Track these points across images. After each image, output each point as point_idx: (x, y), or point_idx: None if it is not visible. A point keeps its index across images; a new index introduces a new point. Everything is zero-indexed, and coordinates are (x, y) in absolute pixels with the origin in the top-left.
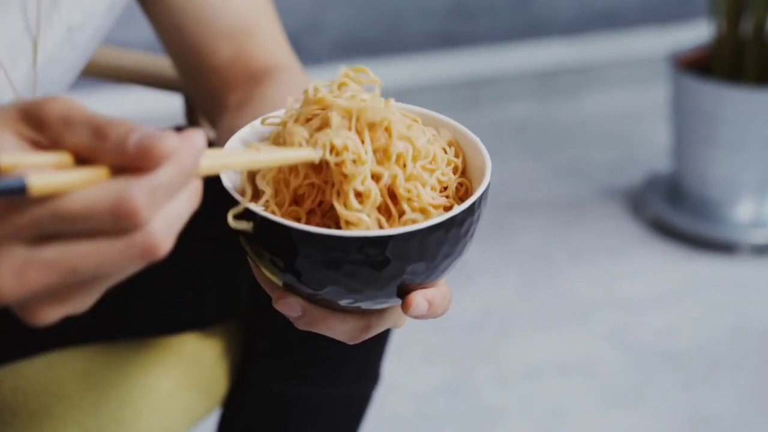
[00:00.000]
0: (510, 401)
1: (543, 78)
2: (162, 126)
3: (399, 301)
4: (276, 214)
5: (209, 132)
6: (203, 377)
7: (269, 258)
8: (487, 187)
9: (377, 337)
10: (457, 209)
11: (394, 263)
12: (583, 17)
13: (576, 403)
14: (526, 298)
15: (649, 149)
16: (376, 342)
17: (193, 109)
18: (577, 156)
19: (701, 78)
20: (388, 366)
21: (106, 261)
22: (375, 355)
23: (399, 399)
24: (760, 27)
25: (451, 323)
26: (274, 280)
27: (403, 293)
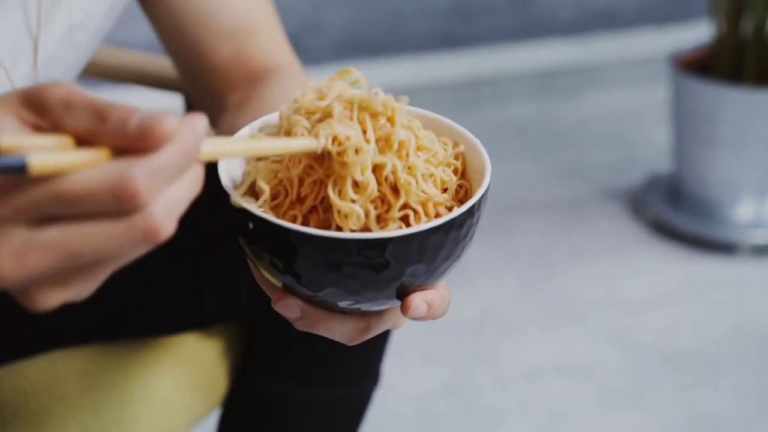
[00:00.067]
0: (510, 402)
1: (543, 78)
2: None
3: (398, 303)
4: (276, 213)
5: (209, 132)
6: (203, 377)
7: (268, 259)
8: (486, 189)
9: (377, 337)
10: (457, 211)
11: (394, 265)
12: (583, 17)
13: (576, 404)
14: (526, 299)
15: (650, 150)
16: (376, 343)
17: (193, 109)
18: (577, 156)
19: (701, 78)
20: (387, 367)
21: (107, 243)
22: (375, 355)
23: (399, 400)
24: (760, 27)
25: (450, 324)
26: (274, 281)
27: (402, 295)
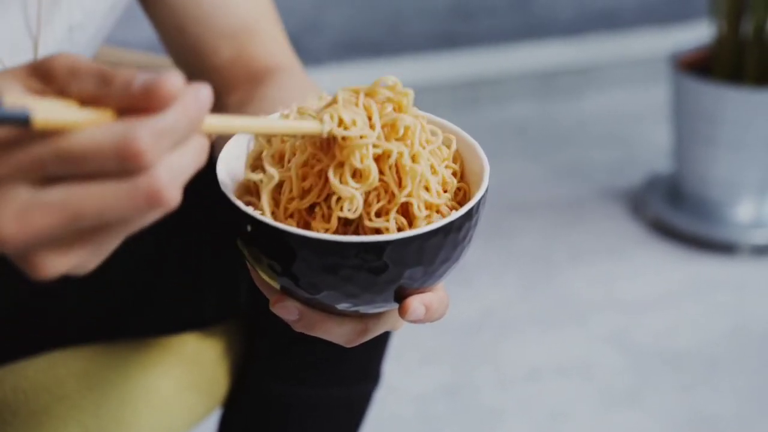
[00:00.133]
0: (509, 403)
1: (543, 78)
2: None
3: (396, 305)
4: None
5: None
6: (204, 377)
7: (267, 262)
8: (485, 192)
9: (377, 337)
10: (455, 214)
11: (392, 268)
12: (583, 18)
13: (575, 404)
14: (526, 299)
15: (650, 150)
16: (377, 343)
17: None
18: (577, 156)
19: (701, 78)
20: (387, 368)
21: (110, 205)
22: (375, 356)
23: (398, 400)
24: (760, 28)
25: (450, 325)
26: (272, 283)
27: (400, 297)
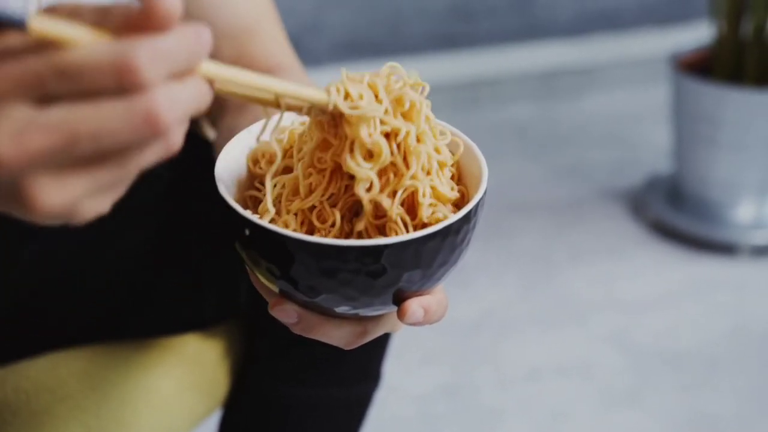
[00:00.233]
0: (509, 403)
1: (543, 79)
2: None
3: (395, 308)
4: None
5: (210, 132)
6: (204, 378)
7: (265, 266)
8: (483, 194)
9: (377, 338)
10: (453, 217)
11: (390, 272)
12: (583, 18)
13: (575, 404)
14: (526, 300)
15: (650, 150)
16: (377, 343)
17: None
18: (578, 157)
19: (702, 79)
20: (387, 368)
21: (107, 125)
22: (375, 356)
23: (399, 401)
24: (760, 28)
25: (450, 325)
26: (270, 287)
27: (399, 300)
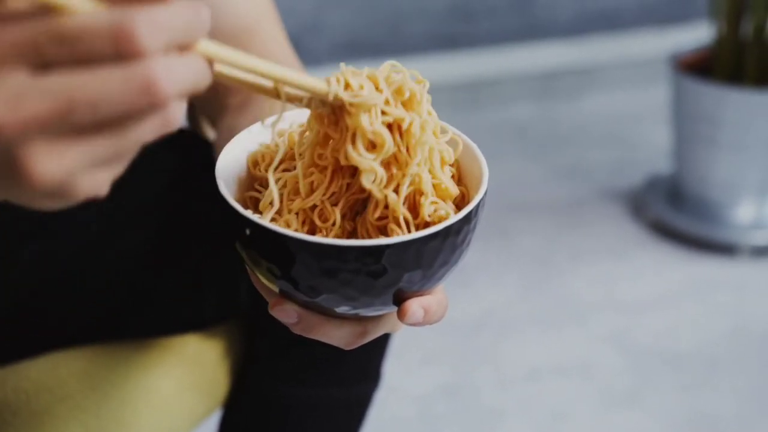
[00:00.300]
0: (510, 403)
1: (543, 79)
2: None
3: (395, 308)
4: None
5: (210, 132)
6: (204, 378)
7: (266, 266)
8: (483, 195)
9: (377, 338)
10: (454, 218)
11: (391, 272)
12: (583, 19)
13: (576, 404)
14: (526, 300)
15: (650, 151)
16: (377, 343)
17: (194, 110)
18: (578, 157)
19: (702, 79)
20: (388, 368)
21: (105, 92)
22: (375, 356)
23: (399, 401)
24: (760, 28)
25: (450, 325)
26: (271, 287)
27: (399, 300)
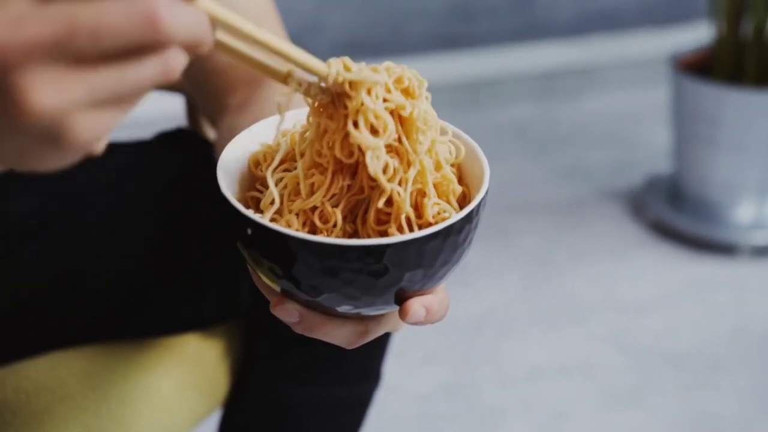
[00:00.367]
0: (511, 402)
1: (543, 79)
2: (163, 127)
3: (397, 308)
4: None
5: (210, 132)
6: (204, 378)
7: (267, 265)
8: (485, 194)
9: (378, 337)
10: (455, 217)
11: (392, 271)
12: (583, 19)
13: (577, 404)
14: (527, 300)
15: (650, 151)
16: (377, 343)
17: (194, 110)
18: (578, 157)
19: (702, 79)
20: (388, 368)
21: (107, 20)
22: (376, 356)
23: (400, 400)
24: (760, 28)
25: (451, 325)
26: (272, 286)
27: (400, 300)
